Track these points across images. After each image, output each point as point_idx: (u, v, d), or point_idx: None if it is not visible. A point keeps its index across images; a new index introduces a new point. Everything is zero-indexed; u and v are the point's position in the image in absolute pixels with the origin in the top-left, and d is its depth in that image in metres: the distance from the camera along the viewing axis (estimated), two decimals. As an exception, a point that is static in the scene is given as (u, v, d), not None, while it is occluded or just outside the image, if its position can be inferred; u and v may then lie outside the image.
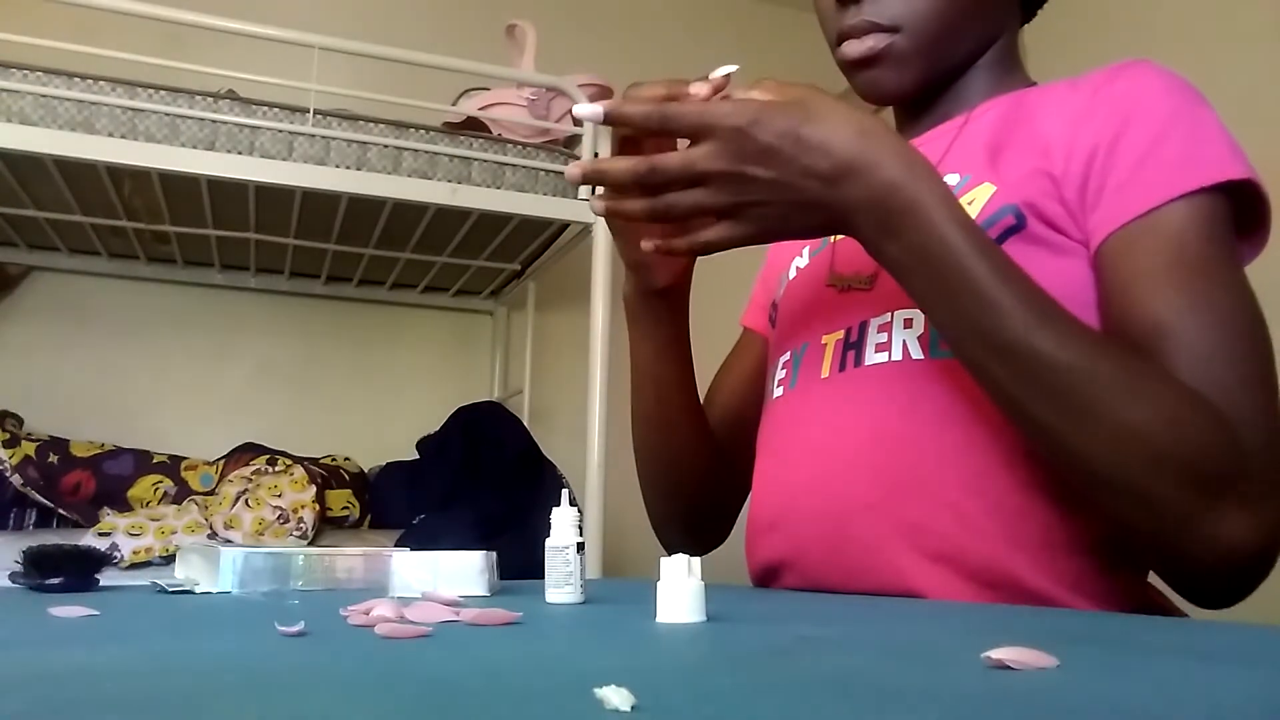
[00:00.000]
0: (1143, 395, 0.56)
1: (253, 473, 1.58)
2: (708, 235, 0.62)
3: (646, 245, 0.64)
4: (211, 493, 1.59)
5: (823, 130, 0.58)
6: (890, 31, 0.74)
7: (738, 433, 0.91)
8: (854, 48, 0.76)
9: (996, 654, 0.31)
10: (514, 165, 1.61)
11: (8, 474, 1.50)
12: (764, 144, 0.58)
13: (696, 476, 0.88)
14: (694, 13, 2.49)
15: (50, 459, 1.57)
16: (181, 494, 1.61)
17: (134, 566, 1.38)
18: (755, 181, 0.59)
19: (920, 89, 0.78)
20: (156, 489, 1.62)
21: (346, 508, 1.66)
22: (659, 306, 0.81)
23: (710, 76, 0.62)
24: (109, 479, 1.61)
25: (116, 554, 1.39)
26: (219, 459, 1.70)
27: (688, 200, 0.60)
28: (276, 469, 1.58)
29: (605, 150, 1.65)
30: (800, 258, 0.87)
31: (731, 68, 0.62)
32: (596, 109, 0.60)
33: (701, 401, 0.89)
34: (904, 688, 0.28)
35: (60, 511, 1.51)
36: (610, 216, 0.67)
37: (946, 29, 0.75)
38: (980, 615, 0.52)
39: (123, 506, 1.57)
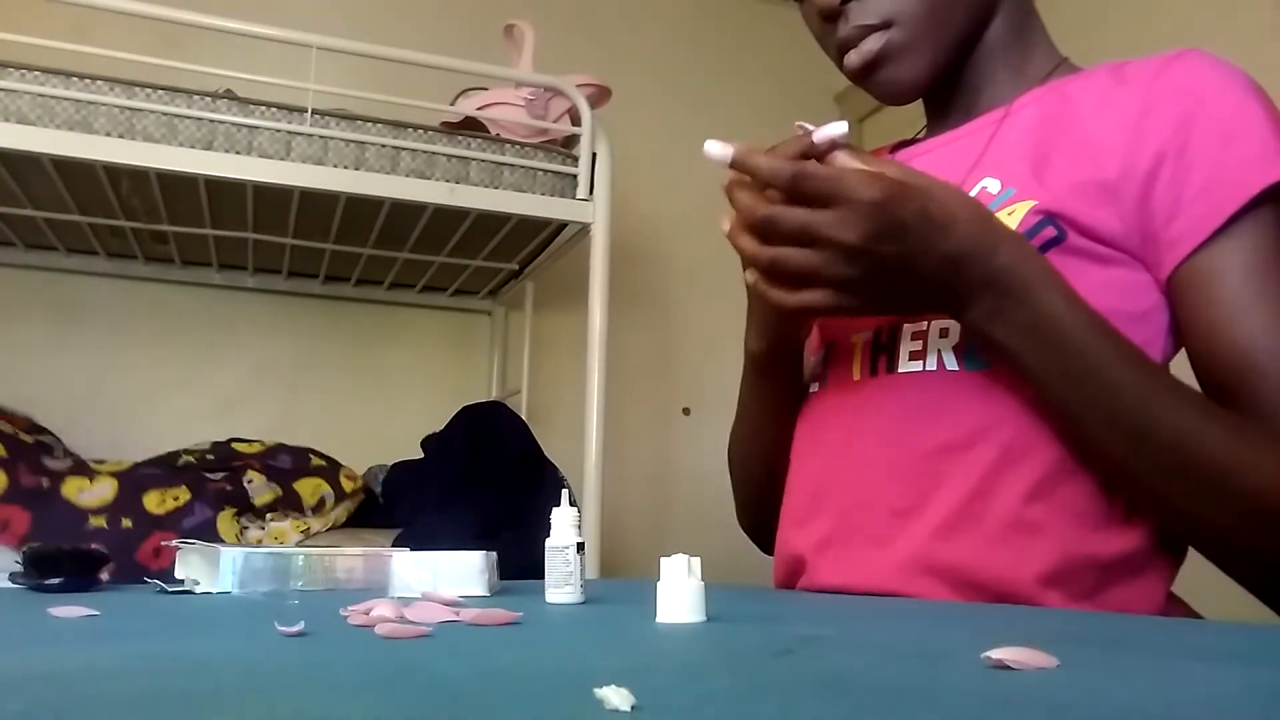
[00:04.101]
0: (1262, 462, 0.58)
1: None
2: (811, 298, 0.61)
3: (749, 278, 0.64)
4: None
5: (948, 211, 0.59)
6: (883, 28, 0.73)
7: None
8: (855, 57, 0.74)
9: (996, 654, 0.31)
10: (512, 165, 1.60)
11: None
12: (898, 220, 0.57)
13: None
14: (693, 13, 2.48)
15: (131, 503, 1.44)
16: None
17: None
18: (879, 257, 0.58)
19: (935, 76, 0.75)
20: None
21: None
22: (789, 359, 0.81)
23: (817, 135, 0.61)
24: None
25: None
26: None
27: (797, 260, 0.60)
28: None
29: (605, 152, 1.66)
30: None
31: (843, 126, 0.61)
32: (726, 150, 0.61)
33: None
34: (904, 688, 0.28)
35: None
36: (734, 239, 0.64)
37: (937, 8, 0.73)
38: (980, 615, 0.52)
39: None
